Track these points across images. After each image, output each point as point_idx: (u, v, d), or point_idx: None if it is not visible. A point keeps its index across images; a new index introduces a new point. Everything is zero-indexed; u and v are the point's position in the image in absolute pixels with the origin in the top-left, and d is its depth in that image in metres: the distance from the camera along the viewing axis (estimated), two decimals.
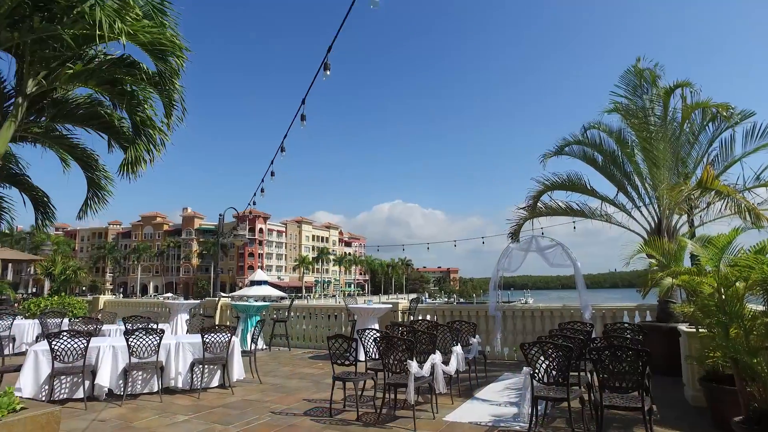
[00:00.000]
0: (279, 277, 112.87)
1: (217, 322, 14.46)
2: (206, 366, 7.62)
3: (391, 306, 11.33)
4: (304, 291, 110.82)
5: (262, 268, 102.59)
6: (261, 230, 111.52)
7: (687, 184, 7.46)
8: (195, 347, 7.54)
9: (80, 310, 16.69)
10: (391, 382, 5.66)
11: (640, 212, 9.37)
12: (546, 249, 9.89)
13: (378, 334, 6.51)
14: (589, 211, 10.00)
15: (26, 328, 11.83)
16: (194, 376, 7.53)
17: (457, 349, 7.01)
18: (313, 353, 11.71)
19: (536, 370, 4.72)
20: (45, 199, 8.40)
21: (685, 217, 8.91)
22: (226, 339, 7.49)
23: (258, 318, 12.67)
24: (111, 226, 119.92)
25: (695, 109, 7.97)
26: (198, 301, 15.28)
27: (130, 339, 6.82)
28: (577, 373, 5.38)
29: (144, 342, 6.92)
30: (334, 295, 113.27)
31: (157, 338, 7.00)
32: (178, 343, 7.57)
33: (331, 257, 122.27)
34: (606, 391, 4.36)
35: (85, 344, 6.56)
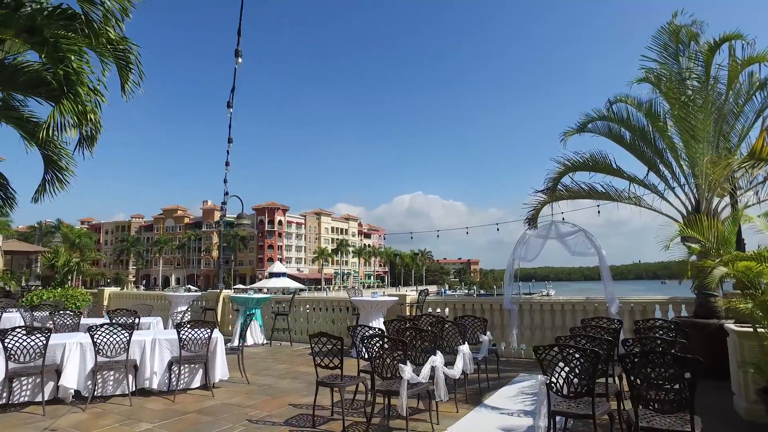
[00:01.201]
0: (299, 269, 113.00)
1: (219, 316, 13.85)
2: (184, 365, 6.89)
3: (397, 299, 10.47)
4: (323, 283, 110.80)
5: (281, 260, 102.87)
6: (280, 222, 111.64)
7: (733, 158, 6.40)
8: (173, 344, 6.80)
9: (83, 303, 16.26)
10: (381, 389, 4.82)
11: (674, 193, 8.30)
12: (567, 235, 8.90)
13: (370, 332, 5.67)
14: (616, 193, 8.95)
15: (16, 321, 11.32)
16: (172, 376, 6.81)
17: (464, 348, 6.12)
18: None
19: (554, 379, 3.83)
20: (3, 182, 7.74)
21: (727, 199, 7.82)
22: (206, 335, 6.73)
23: (258, 311, 11.97)
24: (134, 219, 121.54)
25: (748, 66, 6.84)
26: (199, 293, 14.66)
27: (96, 336, 6.11)
28: (604, 380, 4.44)
29: (111, 339, 6.20)
30: (353, 287, 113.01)
31: (126, 335, 6.27)
32: (155, 340, 6.84)
33: (351, 249, 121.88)
34: (641, 407, 3.44)
35: (44, 342, 5.87)
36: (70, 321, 8.78)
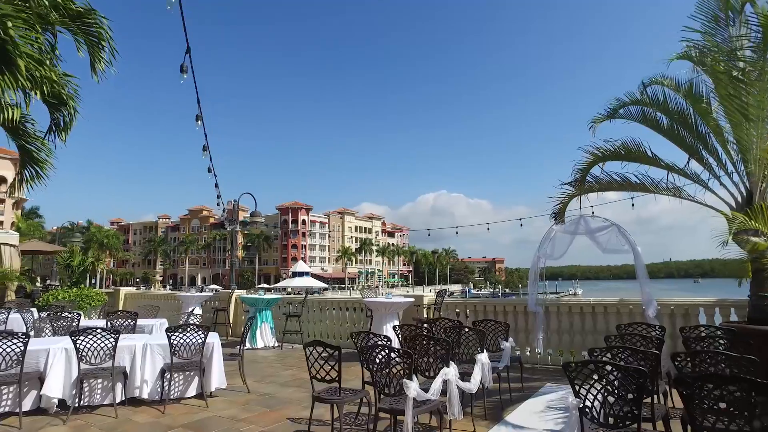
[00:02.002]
0: (322, 269, 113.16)
1: (231, 317, 13.40)
2: (177, 373, 6.36)
3: (412, 300, 9.80)
4: (347, 282, 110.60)
5: (305, 259, 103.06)
6: (304, 222, 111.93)
7: None
8: (166, 350, 6.26)
9: (98, 303, 16.04)
10: (384, 407, 4.17)
11: (720, 183, 7.42)
12: (598, 231, 8.09)
13: (373, 339, 5.03)
14: (652, 184, 8.10)
15: (20, 324, 11.04)
16: (165, 384, 6.29)
17: (483, 357, 5.42)
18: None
19: (588, 402, 3.12)
20: None
21: None
22: (199, 340, 6.19)
23: (269, 312, 11.46)
24: (161, 220, 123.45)
25: None
26: (210, 294, 14.24)
27: (78, 341, 5.62)
28: (649, 400, 3.69)
29: (95, 345, 5.71)
30: (377, 286, 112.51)
31: (111, 340, 5.77)
32: (146, 346, 6.33)
33: (374, 248, 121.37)
34: None
35: (22, 348, 5.40)
36: (71, 323, 8.39)
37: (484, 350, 5.60)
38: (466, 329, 5.78)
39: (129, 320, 8.26)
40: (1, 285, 15.57)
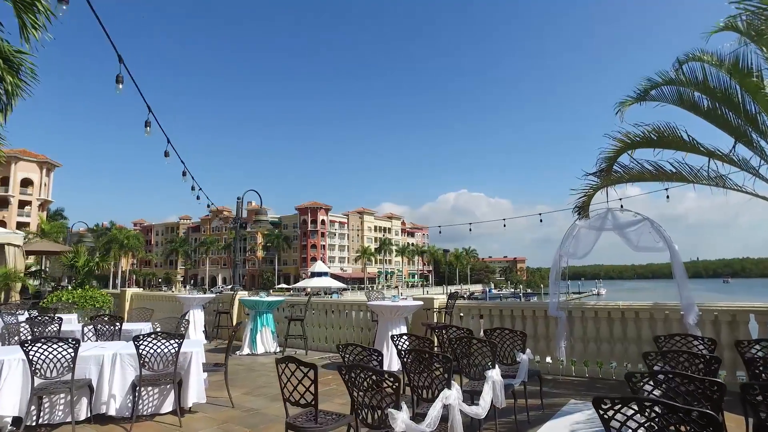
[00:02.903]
0: (342, 269, 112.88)
1: (234, 319, 12.75)
2: (149, 387, 5.67)
3: (421, 303, 8.97)
4: (366, 282, 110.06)
5: (324, 259, 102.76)
6: (323, 222, 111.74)
7: None
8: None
9: (103, 304, 15.60)
10: None
11: None
12: (628, 226, 7.15)
13: (362, 355, 4.24)
14: (691, 173, 7.15)
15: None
16: (137, 399, 5.60)
17: (494, 374, 4.59)
18: (333, 359, 9.64)
19: None
20: None
21: None
22: (173, 350, 5.48)
23: (270, 316, 10.76)
24: (182, 221, 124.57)
25: None
26: (213, 295, 13.63)
27: (31, 351, 4.95)
28: None
29: (51, 355, 5.03)
30: (396, 286, 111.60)
31: (71, 350, 5.09)
32: (116, 355, 5.65)
33: (394, 247, 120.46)
34: None
35: None
36: (50, 328, 7.80)
37: (496, 365, 4.76)
38: (475, 342, 4.93)
39: (112, 325, 7.59)
40: (3, 285, 15.23)
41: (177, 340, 5.49)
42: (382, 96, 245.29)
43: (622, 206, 7.81)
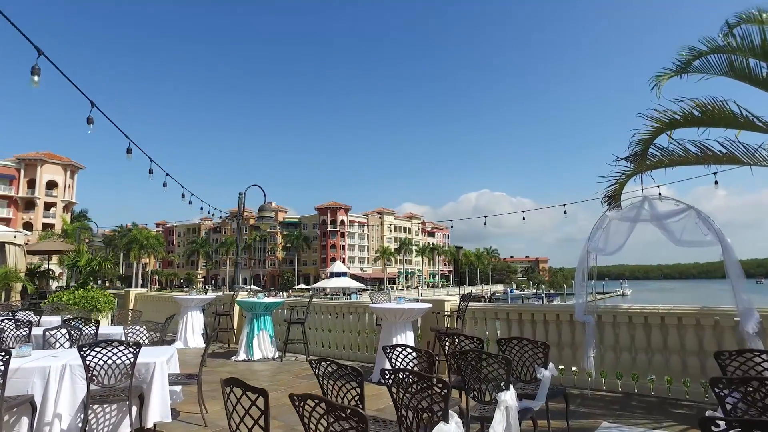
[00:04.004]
0: (362, 269, 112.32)
1: (235, 322, 11.99)
2: (100, 405, 4.85)
3: (430, 306, 8.03)
4: (386, 282, 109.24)
5: (343, 260, 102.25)
6: (342, 222, 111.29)
7: None
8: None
9: (105, 306, 15.03)
10: None
11: None
12: (669, 217, 6.10)
13: (335, 372, 3.34)
14: (746, 153, 6.07)
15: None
16: (90, 418, 4.81)
17: (508, 398, 3.64)
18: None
19: None
20: None
21: None
22: (127, 361, 4.66)
23: (269, 318, 9.94)
24: (203, 221, 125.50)
25: None
26: (212, 296, 12.92)
27: None
28: None
29: None
30: (416, 287, 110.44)
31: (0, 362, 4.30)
32: (65, 367, 4.84)
33: (414, 248, 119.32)
34: None
35: None
36: (23, 331, 7.09)
37: (510, 385, 3.82)
38: (486, 356, 3.98)
39: (76, 330, 6.83)
40: (3, 285, 14.80)
41: (132, 349, 4.67)
42: (401, 97, 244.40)
43: (660, 194, 6.73)
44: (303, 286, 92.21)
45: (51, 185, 69.72)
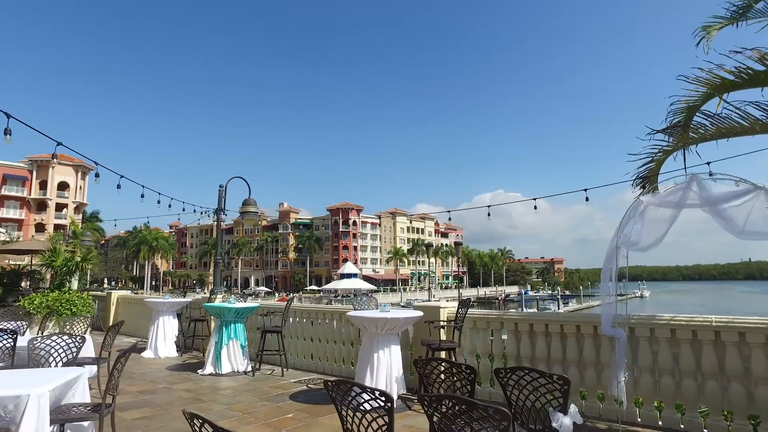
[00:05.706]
0: (374, 270, 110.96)
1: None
2: None
3: (421, 314, 6.59)
4: (399, 284, 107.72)
5: (356, 261, 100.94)
6: (354, 223, 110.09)
7: None
8: None
9: (83, 309, 13.86)
10: None
11: None
12: (729, 200, 4.59)
13: None
14: None
15: None
16: None
17: None
18: (314, 383, 7.44)
19: None
20: None
21: None
22: None
23: (240, 326, 8.62)
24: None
25: None
26: (187, 300, 11.67)
27: None
28: None
29: None
30: (429, 288, 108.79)
31: None
32: None
33: (424, 248, 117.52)
34: None
35: None
36: None
37: None
38: (479, 407, 2.57)
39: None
40: None
41: None
42: (419, 100, 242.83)
43: (710, 172, 5.24)
44: (314, 287, 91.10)
45: (62, 186, 69.60)
